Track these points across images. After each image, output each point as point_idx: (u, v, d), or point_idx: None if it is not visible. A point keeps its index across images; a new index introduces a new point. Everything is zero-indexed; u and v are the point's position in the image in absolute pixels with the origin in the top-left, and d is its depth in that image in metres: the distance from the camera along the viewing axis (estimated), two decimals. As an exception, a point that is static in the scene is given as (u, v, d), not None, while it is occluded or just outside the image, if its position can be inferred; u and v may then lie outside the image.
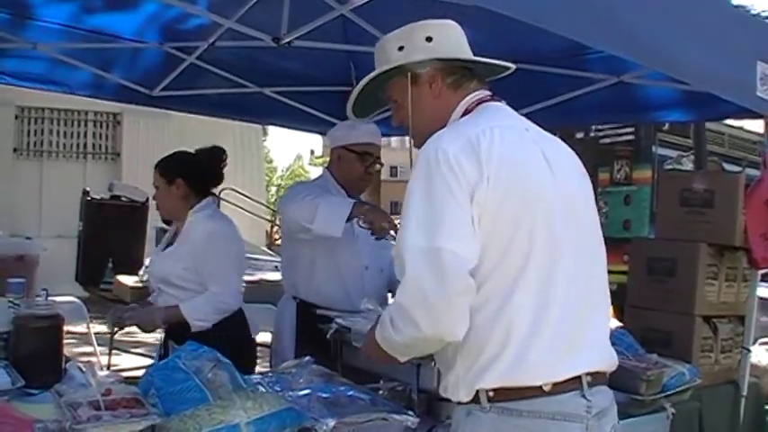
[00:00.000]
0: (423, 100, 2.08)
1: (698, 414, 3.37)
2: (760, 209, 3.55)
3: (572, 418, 1.84)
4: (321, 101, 5.19)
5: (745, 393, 3.72)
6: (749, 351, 3.78)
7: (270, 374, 2.53)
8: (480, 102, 2.06)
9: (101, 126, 13.85)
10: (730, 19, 3.52)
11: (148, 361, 4.37)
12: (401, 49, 2.10)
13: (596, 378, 1.91)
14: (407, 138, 2.15)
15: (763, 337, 5.58)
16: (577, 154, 2.15)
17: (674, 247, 2.45)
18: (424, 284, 1.75)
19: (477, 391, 1.84)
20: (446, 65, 2.08)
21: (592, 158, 6.55)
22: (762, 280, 4.04)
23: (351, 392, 2.33)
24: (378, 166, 3.61)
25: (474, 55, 2.14)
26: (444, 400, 2.42)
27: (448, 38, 2.10)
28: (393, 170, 57.37)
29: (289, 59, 4.53)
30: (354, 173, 3.53)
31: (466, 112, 2.04)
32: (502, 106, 2.08)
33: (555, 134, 2.14)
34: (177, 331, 3.27)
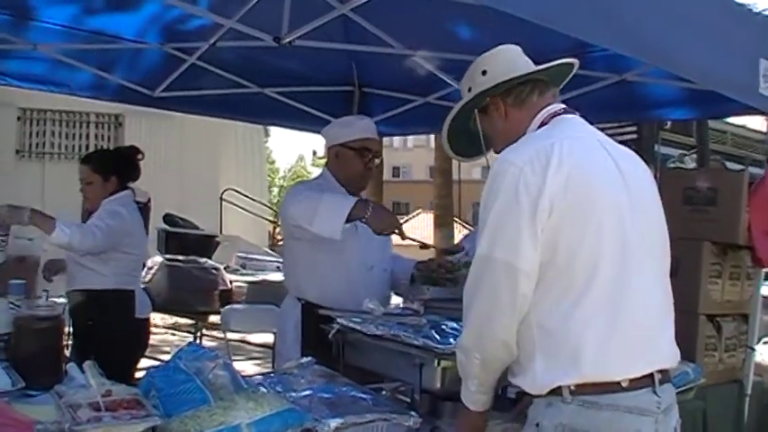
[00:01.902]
0: (496, 126, 2.23)
1: (702, 413, 3.35)
2: (764, 207, 3.54)
3: (645, 412, 1.95)
4: (323, 101, 5.19)
5: (749, 392, 3.70)
6: (753, 350, 3.77)
7: (272, 375, 2.52)
8: (555, 115, 2.15)
9: (102, 127, 13.87)
10: (733, 16, 3.51)
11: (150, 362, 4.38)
12: (469, 90, 2.28)
13: (665, 375, 2.04)
14: (410, 138, 2.30)
15: (767, 335, 5.57)
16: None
17: (678, 245, 2.44)
18: (485, 289, 1.95)
19: (560, 387, 1.92)
20: (500, 89, 2.21)
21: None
22: (766, 278, 4.03)
23: (353, 393, 2.32)
24: (377, 160, 3.57)
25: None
26: (447, 399, 2.42)
27: (498, 64, 2.24)
28: (395, 170, 57.43)
29: (290, 59, 4.52)
30: (353, 170, 3.49)
31: (542, 125, 2.14)
32: (575, 119, 2.17)
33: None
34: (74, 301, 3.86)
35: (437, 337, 2.35)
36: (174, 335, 8.23)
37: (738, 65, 3.40)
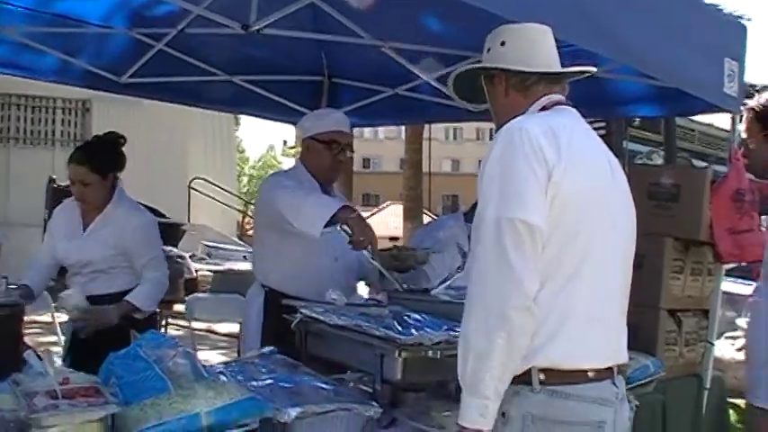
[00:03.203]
0: (497, 97, 2.24)
1: (661, 406, 3.40)
2: (726, 204, 3.58)
3: (607, 402, 2.01)
4: (292, 90, 5.16)
5: (707, 386, 3.76)
6: (713, 345, 3.82)
7: (233, 364, 2.51)
8: (557, 103, 2.17)
9: (69, 113, 13.70)
10: (699, 16, 3.55)
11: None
12: (489, 50, 2.26)
13: (620, 368, 2.12)
14: (380, 129, 2.28)
15: (728, 331, 5.66)
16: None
17: (642, 240, 2.48)
18: (504, 252, 1.87)
19: (530, 371, 1.93)
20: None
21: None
22: (727, 274, 4.08)
23: (314, 383, 2.32)
24: (348, 153, 3.62)
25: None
26: (408, 390, 2.43)
27: (518, 44, 2.21)
28: (366, 162, 57.43)
29: (259, 48, 4.49)
30: (323, 162, 3.54)
31: (543, 109, 2.16)
32: (574, 112, 2.19)
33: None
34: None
35: (399, 327, 2.35)
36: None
37: (704, 64, 3.44)
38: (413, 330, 2.34)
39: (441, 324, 2.45)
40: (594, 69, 2.32)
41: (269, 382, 2.28)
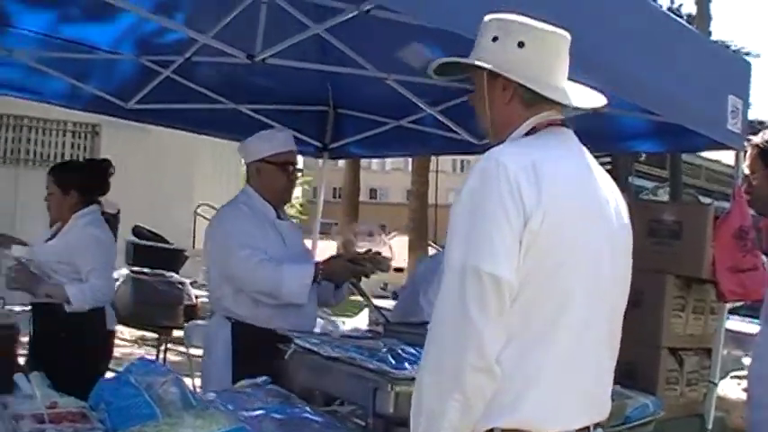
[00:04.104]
0: (494, 99, 1.95)
1: (661, 446, 3.36)
2: (728, 241, 3.56)
3: None
4: (297, 120, 5.17)
5: (710, 427, 3.71)
6: (715, 384, 3.78)
7: (225, 393, 2.49)
8: (550, 124, 1.94)
9: (79, 136, 13.78)
10: (703, 52, 3.56)
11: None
12: (495, 39, 1.93)
13: (598, 425, 1.91)
14: (387, 160, 2.13)
15: (734, 370, 5.60)
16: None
17: (640, 277, 2.45)
18: (465, 308, 1.66)
19: (492, 430, 1.74)
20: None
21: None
22: (732, 313, 4.04)
23: (305, 414, 2.30)
24: (298, 173, 3.64)
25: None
26: (400, 424, 2.40)
27: (540, 50, 1.92)
28: (372, 192, 57.49)
29: (265, 77, 4.52)
30: (277, 184, 3.50)
31: (533, 130, 1.92)
32: (568, 134, 1.97)
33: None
34: (43, 312, 3.79)
35: (392, 361, 2.34)
36: (139, 348, 8.16)
37: (707, 100, 3.45)
38: (406, 364, 2.33)
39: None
40: (605, 101, 2.06)
41: (260, 412, 2.26)
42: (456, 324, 1.68)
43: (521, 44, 1.90)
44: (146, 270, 6.78)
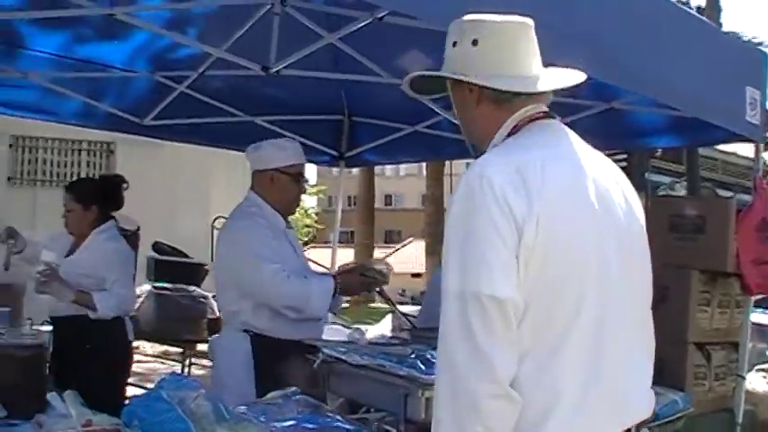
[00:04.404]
0: (466, 105, 1.87)
1: (691, 443, 3.33)
2: (751, 234, 3.55)
3: None
4: (313, 129, 5.20)
5: (740, 421, 3.68)
6: (744, 378, 3.75)
7: (256, 405, 2.49)
8: (532, 119, 1.82)
9: (94, 155, 13.87)
10: (718, 45, 3.55)
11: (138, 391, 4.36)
12: (455, 44, 1.85)
13: (640, 425, 1.84)
14: (401, 166, 2.05)
15: (759, 363, 5.56)
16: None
17: (665, 273, 2.45)
18: (471, 335, 1.57)
19: None
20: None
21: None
22: (756, 306, 4.02)
23: (337, 423, 2.30)
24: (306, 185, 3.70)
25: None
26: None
27: (493, 44, 1.82)
28: (387, 198, 57.61)
29: (279, 88, 4.54)
30: (290, 195, 3.50)
31: (515, 129, 1.81)
32: (555, 126, 1.86)
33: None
34: (65, 325, 3.84)
35: (422, 366, 2.32)
36: (162, 363, 8.17)
37: (725, 93, 3.43)
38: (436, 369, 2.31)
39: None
40: (584, 77, 1.95)
41: (292, 422, 2.26)
42: (464, 352, 1.59)
43: (474, 42, 1.82)
44: (168, 285, 6.80)
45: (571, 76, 1.91)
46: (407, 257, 33.82)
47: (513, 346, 1.60)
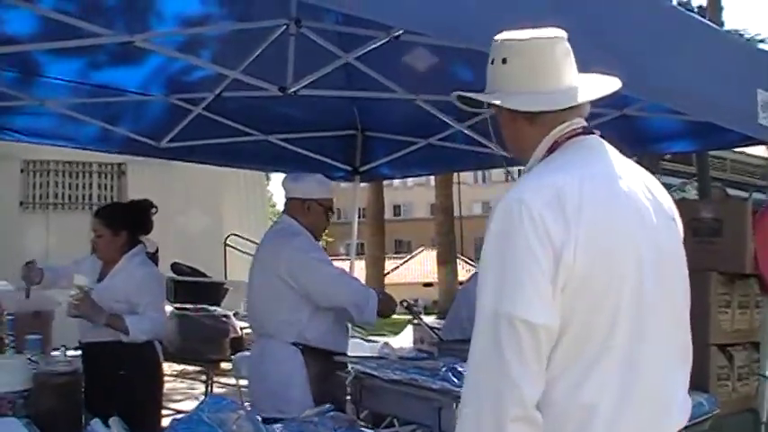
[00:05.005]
0: (503, 121, 1.89)
1: (718, 444, 3.35)
2: (768, 235, 3.56)
3: None
4: (327, 146, 5.24)
5: (765, 420, 3.69)
6: (766, 378, 3.76)
7: (292, 423, 2.53)
8: (572, 135, 1.82)
9: (106, 177, 13.91)
10: (728, 48, 3.57)
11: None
12: (492, 62, 1.88)
13: None
14: (409, 179, 2.09)
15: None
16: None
17: (685, 277, 2.52)
18: (500, 355, 1.58)
19: None
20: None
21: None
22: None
23: (373, 438, 2.33)
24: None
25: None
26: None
27: (521, 63, 1.83)
28: (396, 209, 57.59)
29: (293, 107, 4.57)
30: (321, 223, 3.88)
31: (554, 146, 1.82)
32: (592, 142, 1.84)
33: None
34: (96, 351, 3.81)
35: (454, 379, 2.36)
36: (182, 382, 8.20)
37: (736, 96, 3.45)
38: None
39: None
40: (620, 84, 1.92)
41: (332, 439, 2.30)
42: (492, 373, 1.60)
43: (504, 61, 1.83)
44: (188, 306, 6.82)
45: (605, 86, 1.90)
46: (419, 267, 33.78)
47: (540, 373, 1.60)
